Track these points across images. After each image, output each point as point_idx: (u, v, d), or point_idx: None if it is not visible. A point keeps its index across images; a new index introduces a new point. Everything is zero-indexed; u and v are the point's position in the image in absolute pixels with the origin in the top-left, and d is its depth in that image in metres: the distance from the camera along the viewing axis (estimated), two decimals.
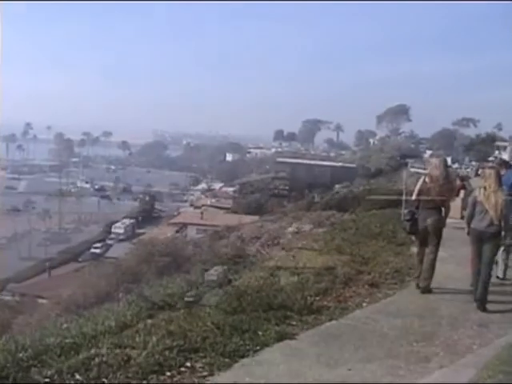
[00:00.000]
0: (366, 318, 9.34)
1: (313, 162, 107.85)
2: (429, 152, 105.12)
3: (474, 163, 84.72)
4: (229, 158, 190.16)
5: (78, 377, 6.12)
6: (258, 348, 7.43)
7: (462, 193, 22.87)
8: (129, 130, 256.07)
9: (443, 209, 11.37)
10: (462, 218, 21.21)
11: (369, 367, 7.19)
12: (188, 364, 6.73)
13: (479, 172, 54.27)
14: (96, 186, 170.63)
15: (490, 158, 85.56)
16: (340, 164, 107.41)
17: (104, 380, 6.11)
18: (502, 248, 11.86)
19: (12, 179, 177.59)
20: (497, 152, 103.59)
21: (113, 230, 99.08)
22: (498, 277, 12.23)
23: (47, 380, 6.02)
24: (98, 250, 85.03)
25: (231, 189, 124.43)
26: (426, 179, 11.36)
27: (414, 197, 11.56)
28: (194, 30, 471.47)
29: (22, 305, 39.90)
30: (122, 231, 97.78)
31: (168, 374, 6.47)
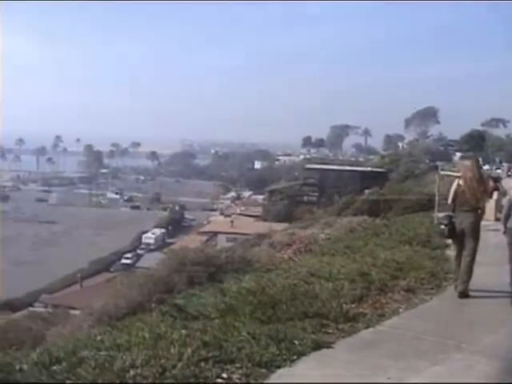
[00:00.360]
0: (404, 324, 9.16)
1: (341, 168, 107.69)
2: (458, 154, 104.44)
3: (504, 164, 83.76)
4: (257, 165, 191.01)
5: None
6: (294, 357, 7.28)
7: (495, 194, 22.58)
8: (157, 140, 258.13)
9: (479, 211, 11.17)
10: (497, 219, 20.90)
11: (409, 375, 7.02)
12: (224, 375, 6.60)
13: (510, 172, 53.74)
14: (125, 197, 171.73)
15: None
16: (369, 169, 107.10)
17: None
18: None
19: (42, 191, 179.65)
20: None
21: (143, 240, 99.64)
22: None
23: None
24: (128, 261, 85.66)
25: (260, 196, 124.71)
26: (460, 182, 11.18)
27: (449, 201, 11.38)
28: (220, 39, 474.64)
29: (55, 316, 40.13)
30: (152, 241, 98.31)
31: None
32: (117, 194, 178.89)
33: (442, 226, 11.39)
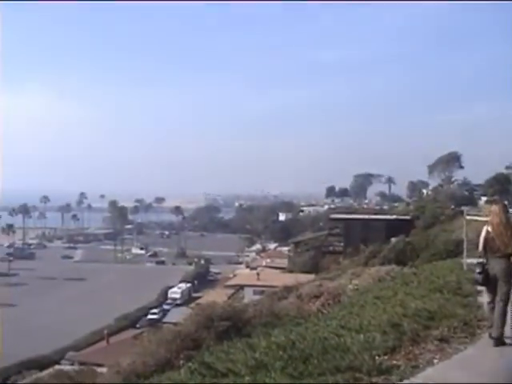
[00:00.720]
0: (439, 375, 8.87)
1: (366, 217, 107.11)
2: (484, 198, 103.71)
3: None
4: (282, 217, 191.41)
5: None
6: None
7: None
8: (181, 195, 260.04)
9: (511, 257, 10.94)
10: None
11: None
12: None
13: None
14: (150, 252, 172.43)
15: None
16: (394, 217, 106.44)
17: None
18: None
19: (68, 248, 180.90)
20: None
21: (169, 294, 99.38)
22: None
23: None
24: (155, 316, 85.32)
25: (286, 248, 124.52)
26: (489, 228, 10.97)
27: (480, 248, 11.15)
28: (242, 89, 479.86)
29: (82, 374, 39.77)
30: (178, 296, 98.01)
31: None
32: (142, 249, 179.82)
33: (476, 275, 11.17)
